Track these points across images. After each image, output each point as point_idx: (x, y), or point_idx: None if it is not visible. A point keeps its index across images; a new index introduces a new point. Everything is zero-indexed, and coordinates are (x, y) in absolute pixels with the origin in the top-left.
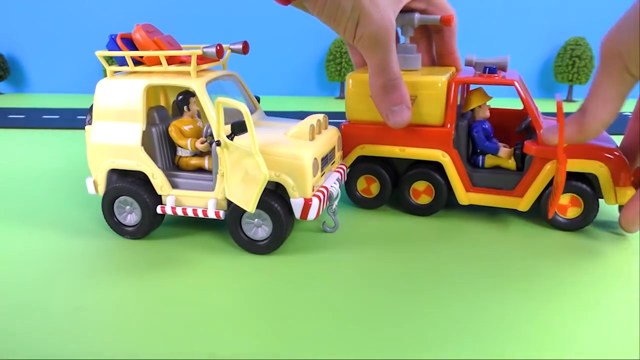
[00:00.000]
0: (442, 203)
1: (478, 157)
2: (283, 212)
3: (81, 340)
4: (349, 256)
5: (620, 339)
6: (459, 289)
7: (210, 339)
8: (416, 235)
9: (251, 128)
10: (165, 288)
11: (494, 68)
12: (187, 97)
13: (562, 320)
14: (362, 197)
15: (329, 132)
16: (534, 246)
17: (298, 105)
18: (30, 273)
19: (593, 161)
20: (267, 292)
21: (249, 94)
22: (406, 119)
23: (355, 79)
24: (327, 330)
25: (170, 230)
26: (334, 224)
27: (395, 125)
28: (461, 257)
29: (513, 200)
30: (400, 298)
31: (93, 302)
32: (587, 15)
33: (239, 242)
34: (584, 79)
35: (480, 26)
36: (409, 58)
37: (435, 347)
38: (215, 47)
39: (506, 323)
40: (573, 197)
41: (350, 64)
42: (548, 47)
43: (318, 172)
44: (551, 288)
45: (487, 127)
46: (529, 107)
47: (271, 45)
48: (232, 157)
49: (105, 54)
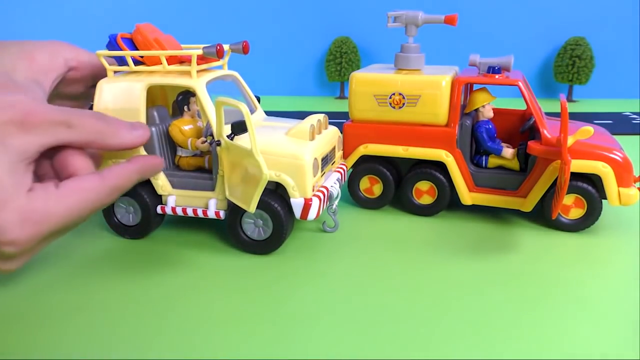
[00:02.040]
0: (445, 203)
1: (481, 157)
2: (283, 212)
3: (81, 340)
4: (350, 256)
5: (620, 339)
6: (461, 289)
7: (211, 339)
8: (418, 235)
9: (251, 128)
10: (165, 288)
11: (497, 68)
12: (187, 97)
13: (562, 320)
14: (364, 197)
15: (329, 132)
16: (537, 247)
17: (298, 105)
18: (30, 273)
19: (597, 162)
20: (267, 292)
21: (249, 94)
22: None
23: (359, 78)
24: (327, 330)
25: (170, 230)
26: (334, 224)
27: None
28: (463, 258)
29: (516, 201)
30: (400, 298)
31: (93, 302)
32: (587, 15)
33: (239, 242)
34: (584, 79)
35: (480, 26)
36: (412, 58)
37: (436, 347)
38: (215, 47)
39: (507, 323)
40: (577, 197)
41: (350, 64)
42: (548, 47)
43: (318, 172)
44: (553, 288)
45: (490, 127)
46: (532, 108)
47: (271, 45)
48: (232, 157)
49: (106, 53)
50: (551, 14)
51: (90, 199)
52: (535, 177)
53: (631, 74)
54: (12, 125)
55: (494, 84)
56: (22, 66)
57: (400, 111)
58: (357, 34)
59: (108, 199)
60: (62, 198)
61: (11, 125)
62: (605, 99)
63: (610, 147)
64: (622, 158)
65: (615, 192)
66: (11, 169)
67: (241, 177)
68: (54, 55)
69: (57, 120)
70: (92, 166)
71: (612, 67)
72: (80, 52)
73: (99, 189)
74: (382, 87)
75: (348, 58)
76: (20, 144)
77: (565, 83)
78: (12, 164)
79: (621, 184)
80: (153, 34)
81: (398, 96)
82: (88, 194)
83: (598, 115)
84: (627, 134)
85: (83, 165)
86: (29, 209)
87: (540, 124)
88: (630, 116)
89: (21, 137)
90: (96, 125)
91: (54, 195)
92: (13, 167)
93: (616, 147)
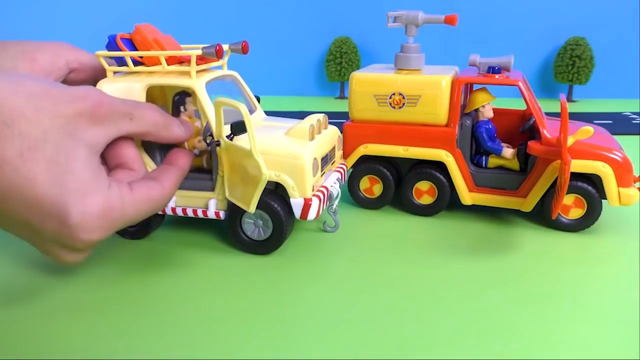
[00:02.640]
0: (445, 203)
1: (481, 157)
2: (283, 212)
3: (81, 340)
4: (350, 256)
5: (620, 339)
6: (461, 289)
7: (211, 339)
8: (418, 235)
9: (250, 128)
10: (165, 288)
11: (497, 68)
12: (183, 97)
13: (563, 320)
14: (364, 197)
15: (329, 132)
16: (537, 247)
17: (298, 105)
18: (31, 273)
19: (597, 162)
20: (267, 292)
21: (249, 94)
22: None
23: (359, 78)
24: (327, 330)
25: (170, 230)
26: (335, 224)
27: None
28: (463, 258)
29: (516, 201)
30: (400, 298)
31: (93, 302)
32: (587, 15)
33: (239, 242)
34: (584, 79)
35: (480, 26)
36: (412, 58)
37: (437, 347)
38: (214, 47)
39: (507, 323)
40: (577, 197)
41: (350, 64)
42: (548, 47)
43: (318, 172)
44: (553, 288)
45: (490, 127)
46: (532, 108)
47: (271, 45)
48: (231, 157)
49: (106, 54)
50: (551, 14)
51: (154, 208)
52: (535, 177)
53: (631, 74)
54: (83, 118)
55: (494, 84)
56: (23, 67)
57: (400, 111)
58: (357, 34)
59: (165, 205)
60: (135, 203)
61: (82, 117)
62: (605, 99)
63: (610, 147)
64: (622, 158)
65: (615, 192)
66: (88, 163)
67: (241, 177)
68: (56, 56)
69: (122, 112)
70: (141, 157)
71: (612, 67)
72: (81, 54)
73: (162, 199)
74: (382, 87)
75: (348, 58)
76: (92, 136)
77: (565, 83)
78: (88, 157)
79: (621, 184)
80: (152, 34)
81: (398, 96)
82: (155, 204)
83: (598, 115)
84: (627, 134)
85: (134, 156)
86: (108, 205)
87: (540, 124)
88: (630, 116)
89: (91, 130)
90: (155, 118)
91: (129, 197)
92: (89, 160)
93: (616, 147)
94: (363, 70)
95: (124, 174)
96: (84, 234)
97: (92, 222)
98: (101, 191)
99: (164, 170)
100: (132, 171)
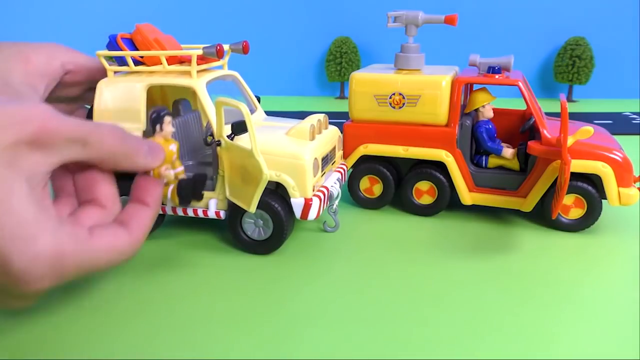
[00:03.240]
0: (444, 203)
1: (481, 157)
2: (283, 212)
3: (81, 340)
4: (350, 256)
5: (621, 339)
6: (461, 289)
7: (211, 339)
8: (418, 235)
9: (251, 128)
10: (165, 288)
11: (497, 68)
12: (162, 116)
13: (562, 320)
14: (364, 197)
15: (329, 132)
16: (537, 247)
17: (298, 105)
18: None
19: (597, 162)
20: (267, 292)
21: (249, 93)
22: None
23: (359, 78)
24: (327, 329)
25: (170, 230)
26: (335, 224)
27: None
28: (463, 258)
29: (516, 201)
30: (400, 298)
31: (93, 302)
32: (587, 15)
33: (239, 242)
34: (584, 79)
35: (480, 26)
36: (412, 58)
37: (436, 347)
38: (215, 47)
39: (507, 323)
40: (577, 197)
41: (350, 64)
42: (548, 47)
43: (318, 172)
44: (553, 288)
45: (490, 127)
46: (532, 108)
47: (271, 45)
48: (232, 157)
49: (106, 54)
50: (551, 14)
51: (118, 259)
52: (535, 177)
53: (631, 74)
54: (22, 145)
55: (494, 84)
56: (18, 69)
57: (400, 111)
58: (357, 34)
59: (133, 255)
60: (92, 251)
61: (21, 145)
62: (605, 99)
63: (610, 147)
64: (622, 158)
65: (615, 192)
66: (31, 199)
67: (241, 177)
68: (51, 58)
69: (72, 137)
70: (116, 194)
71: (612, 67)
72: (77, 55)
73: (129, 249)
74: (382, 87)
75: (348, 58)
76: (31, 166)
77: (565, 83)
78: (30, 193)
79: (621, 184)
80: (153, 34)
81: (398, 96)
82: (119, 255)
83: (598, 115)
84: (627, 134)
85: (109, 194)
86: (58, 250)
87: (540, 124)
88: (630, 116)
89: (32, 157)
90: (114, 146)
91: (86, 244)
92: (32, 196)
93: (616, 147)
94: (363, 70)
95: (92, 212)
96: (31, 283)
97: (39, 269)
98: (48, 232)
99: (134, 212)
100: (103, 210)
